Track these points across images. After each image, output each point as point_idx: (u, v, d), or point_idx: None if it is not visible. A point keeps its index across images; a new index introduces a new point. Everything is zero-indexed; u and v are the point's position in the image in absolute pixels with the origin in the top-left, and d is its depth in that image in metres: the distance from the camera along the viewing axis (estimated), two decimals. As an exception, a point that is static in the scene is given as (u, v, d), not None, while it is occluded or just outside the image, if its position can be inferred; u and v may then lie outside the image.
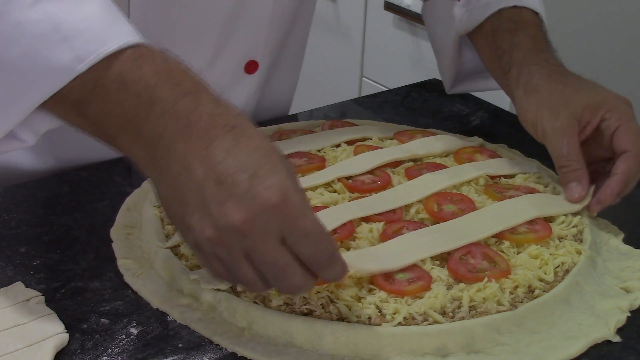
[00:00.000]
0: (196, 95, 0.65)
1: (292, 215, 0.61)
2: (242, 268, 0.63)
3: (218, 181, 0.61)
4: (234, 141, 0.62)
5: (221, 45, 1.02)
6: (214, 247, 0.62)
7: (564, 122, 0.90)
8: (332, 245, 0.64)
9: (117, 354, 0.70)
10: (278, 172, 0.62)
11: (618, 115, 0.89)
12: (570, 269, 0.79)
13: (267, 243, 0.61)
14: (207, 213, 0.61)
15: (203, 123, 0.63)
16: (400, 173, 0.94)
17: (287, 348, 0.70)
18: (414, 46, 2.18)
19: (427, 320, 0.71)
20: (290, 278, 0.63)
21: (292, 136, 1.02)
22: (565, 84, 0.93)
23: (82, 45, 0.66)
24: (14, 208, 0.89)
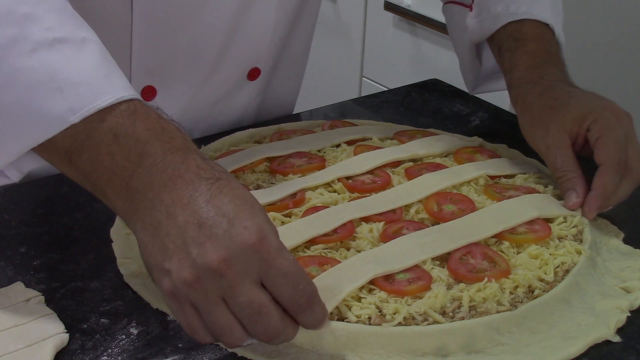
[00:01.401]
0: (185, 152, 0.66)
1: (270, 254, 0.62)
2: (217, 312, 0.62)
3: (199, 224, 0.62)
4: (217, 191, 0.64)
5: (224, 54, 1.02)
6: (190, 290, 0.62)
7: (554, 137, 0.92)
8: (311, 287, 0.64)
9: (117, 354, 0.70)
10: (256, 215, 0.63)
11: (599, 127, 0.90)
12: (570, 269, 0.79)
13: (243, 283, 0.61)
14: (187, 255, 0.62)
15: (189, 174, 0.64)
16: (400, 173, 0.94)
17: (287, 348, 0.70)
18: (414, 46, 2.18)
19: (427, 320, 0.71)
20: (267, 320, 0.62)
21: (292, 136, 1.02)
22: (556, 99, 0.94)
23: (77, 97, 0.67)
24: (14, 208, 0.89)
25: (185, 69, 1.01)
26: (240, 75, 1.06)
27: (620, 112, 0.92)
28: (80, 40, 0.69)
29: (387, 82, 2.23)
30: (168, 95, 1.02)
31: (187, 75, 1.02)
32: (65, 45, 0.68)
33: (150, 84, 1.00)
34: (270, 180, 0.92)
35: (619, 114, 0.92)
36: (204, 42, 1.00)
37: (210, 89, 1.05)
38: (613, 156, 0.88)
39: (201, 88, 1.04)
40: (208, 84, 1.04)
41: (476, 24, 1.08)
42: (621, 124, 0.91)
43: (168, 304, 0.64)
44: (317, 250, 0.79)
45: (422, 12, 2.09)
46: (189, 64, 1.01)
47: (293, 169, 0.93)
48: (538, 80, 0.97)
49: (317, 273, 0.74)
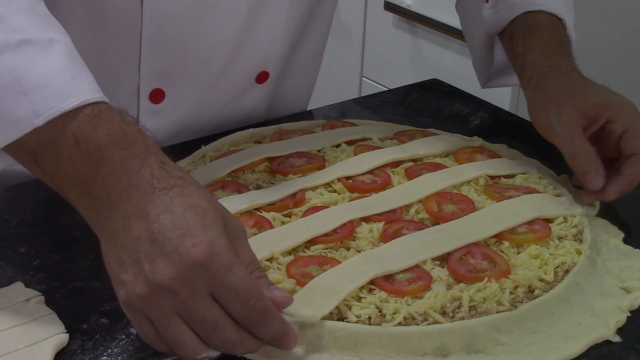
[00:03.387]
0: (143, 158, 0.66)
1: (218, 271, 0.62)
2: (173, 326, 0.62)
3: (151, 239, 0.62)
4: (170, 201, 0.63)
5: (233, 58, 1.02)
6: (145, 304, 0.62)
7: (568, 116, 0.91)
8: (262, 303, 0.63)
9: (117, 354, 0.70)
10: (208, 230, 0.63)
11: (626, 119, 0.91)
12: (570, 269, 0.79)
13: (196, 299, 0.61)
14: (140, 270, 0.62)
15: (143, 185, 0.64)
16: (400, 173, 0.94)
17: (287, 348, 0.70)
18: (414, 46, 2.18)
19: (427, 320, 0.71)
20: (222, 333, 0.62)
21: (292, 136, 1.02)
22: (574, 87, 0.94)
23: (41, 101, 0.66)
24: (14, 208, 0.89)
25: (194, 72, 1.01)
26: (248, 79, 1.07)
27: (634, 106, 0.93)
28: (48, 41, 0.69)
29: (387, 82, 2.23)
30: (176, 97, 1.02)
31: (196, 78, 1.02)
32: (31, 47, 0.68)
33: (159, 87, 1.00)
34: (270, 180, 0.92)
35: (635, 108, 0.93)
36: (213, 45, 1.00)
37: (218, 92, 1.05)
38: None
39: (209, 91, 1.04)
40: (216, 87, 1.04)
41: (492, 14, 1.09)
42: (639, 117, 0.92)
43: (125, 313, 0.65)
44: (317, 250, 0.79)
45: (422, 12, 2.09)
46: (197, 67, 1.01)
47: (293, 169, 0.93)
48: (554, 66, 0.98)
49: (317, 273, 0.74)
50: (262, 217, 0.83)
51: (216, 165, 0.93)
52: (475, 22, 1.15)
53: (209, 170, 0.92)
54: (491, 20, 1.09)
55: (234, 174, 0.92)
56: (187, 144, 1.02)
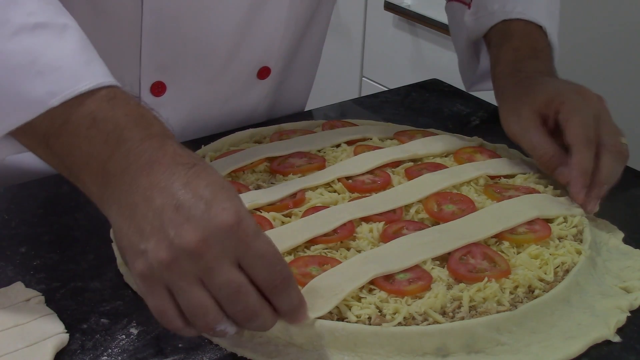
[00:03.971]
0: (162, 138, 0.67)
1: (247, 236, 0.62)
2: (193, 292, 0.62)
3: (176, 206, 0.62)
4: (194, 175, 0.64)
5: (234, 52, 1.02)
6: (166, 271, 0.61)
7: (526, 118, 0.94)
8: (287, 270, 0.64)
9: (117, 354, 0.70)
10: (233, 199, 0.63)
11: (567, 108, 0.91)
12: (570, 269, 0.79)
13: (221, 264, 0.61)
14: (164, 236, 0.61)
15: (166, 159, 0.65)
16: (400, 173, 0.94)
17: (287, 348, 0.70)
18: (414, 46, 2.18)
19: (427, 320, 0.71)
20: (245, 300, 0.62)
21: (292, 136, 1.02)
22: (528, 86, 0.96)
23: (56, 81, 0.67)
24: (14, 208, 0.89)
25: (195, 66, 1.01)
26: (250, 74, 1.06)
27: (588, 94, 0.93)
28: (62, 26, 0.70)
29: (387, 82, 2.23)
30: (178, 91, 1.02)
31: (197, 72, 1.02)
32: (46, 30, 0.69)
33: (160, 80, 1.00)
34: (270, 180, 0.92)
35: (587, 96, 0.93)
36: (214, 39, 1.00)
37: (219, 86, 1.05)
38: (580, 133, 0.88)
39: (211, 85, 1.04)
40: (218, 82, 1.04)
41: (473, 21, 1.10)
42: (589, 104, 0.92)
43: (139, 286, 0.64)
44: (317, 250, 0.79)
45: (422, 12, 2.09)
46: (199, 60, 1.01)
47: (293, 169, 0.93)
48: (516, 73, 1.00)
49: (317, 273, 0.74)
50: (262, 217, 0.83)
51: (216, 165, 0.93)
52: (459, 26, 1.16)
53: (209, 170, 0.92)
54: (472, 26, 1.11)
55: (234, 174, 0.92)
56: (187, 144, 1.01)
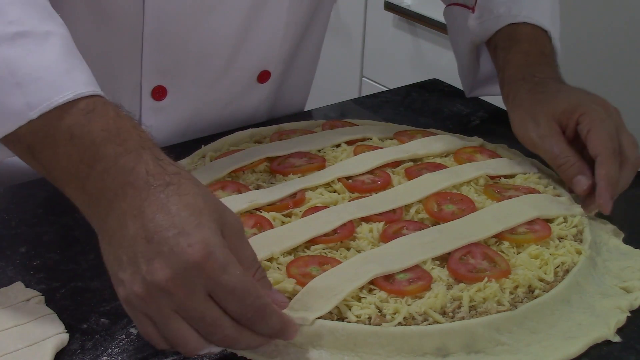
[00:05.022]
0: (137, 154, 0.65)
1: (214, 271, 0.61)
2: (172, 324, 0.62)
3: (147, 239, 0.62)
4: (165, 199, 0.63)
5: (234, 56, 1.03)
6: (144, 304, 0.62)
7: (545, 126, 0.93)
8: (259, 301, 0.63)
9: (117, 354, 0.70)
10: (203, 228, 0.62)
11: (589, 119, 0.91)
12: (570, 269, 0.79)
13: (193, 299, 0.61)
14: (137, 269, 0.62)
15: (139, 182, 0.64)
16: (400, 173, 0.94)
17: (287, 348, 0.70)
18: (414, 46, 2.18)
19: (427, 320, 0.71)
20: (221, 332, 0.63)
21: (292, 136, 1.02)
22: (545, 93, 0.95)
23: (35, 93, 0.66)
24: (14, 208, 0.89)
25: (196, 70, 1.02)
26: (250, 78, 1.07)
27: (609, 106, 0.93)
28: (44, 34, 0.69)
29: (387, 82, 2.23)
30: (179, 95, 1.02)
31: (197, 76, 1.02)
32: (27, 39, 0.68)
33: (161, 84, 1.01)
34: (270, 180, 0.92)
35: (608, 107, 0.93)
36: (214, 43, 1.00)
37: (220, 90, 1.06)
38: (609, 145, 0.88)
39: (211, 89, 1.05)
40: (218, 86, 1.05)
41: (478, 25, 1.09)
42: (611, 116, 0.92)
43: (126, 310, 0.65)
44: (317, 250, 0.79)
45: (422, 12, 2.09)
46: (199, 65, 1.01)
47: (293, 169, 0.93)
48: (529, 78, 0.99)
49: (317, 273, 0.74)
50: (262, 217, 0.83)
51: (216, 165, 0.93)
52: (461, 31, 1.15)
53: (209, 170, 0.92)
54: (476, 30, 1.10)
55: (234, 174, 0.92)
56: (187, 144, 1.02)
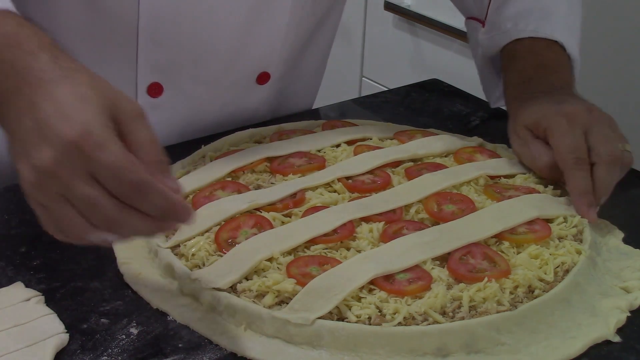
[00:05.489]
0: (34, 55, 0.67)
1: (91, 149, 0.62)
2: (60, 209, 0.64)
3: (36, 128, 0.64)
4: (58, 91, 0.65)
5: (233, 57, 1.02)
6: (36, 192, 0.64)
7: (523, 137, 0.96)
8: (137, 175, 0.63)
9: (117, 354, 0.70)
10: (85, 112, 0.64)
11: (551, 133, 0.92)
12: (570, 269, 0.79)
13: (75, 180, 0.63)
14: (28, 158, 0.64)
15: (32, 79, 0.66)
16: (400, 173, 0.94)
17: (287, 348, 0.70)
18: (414, 46, 2.18)
19: (427, 320, 0.71)
20: (102, 212, 0.63)
21: (292, 136, 1.02)
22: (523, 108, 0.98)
23: None
24: (14, 208, 0.89)
25: (193, 68, 1.01)
26: (249, 78, 1.06)
27: (574, 113, 0.92)
28: None
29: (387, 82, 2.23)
30: (175, 93, 1.02)
31: (195, 74, 1.02)
32: None
33: (157, 81, 1.01)
34: (270, 180, 0.92)
35: (572, 115, 0.92)
36: (212, 42, 1.00)
37: (218, 89, 1.05)
38: (569, 157, 0.89)
39: (209, 88, 1.04)
40: (216, 85, 1.05)
41: (487, 39, 1.10)
42: (574, 123, 0.91)
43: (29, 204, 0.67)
44: (317, 250, 0.79)
45: (422, 12, 2.09)
46: (197, 63, 1.01)
47: (293, 169, 0.93)
48: (521, 95, 1.01)
49: (317, 273, 0.74)
50: (262, 217, 0.83)
51: (216, 165, 0.93)
52: (476, 44, 1.15)
53: (209, 170, 0.92)
54: (486, 44, 1.11)
55: (234, 174, 0.92)
56: (187, 144, 1.02)
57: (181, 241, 0.80)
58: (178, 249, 0.80)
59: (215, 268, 0.76)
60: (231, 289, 0.74)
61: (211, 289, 0.74)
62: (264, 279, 0.74)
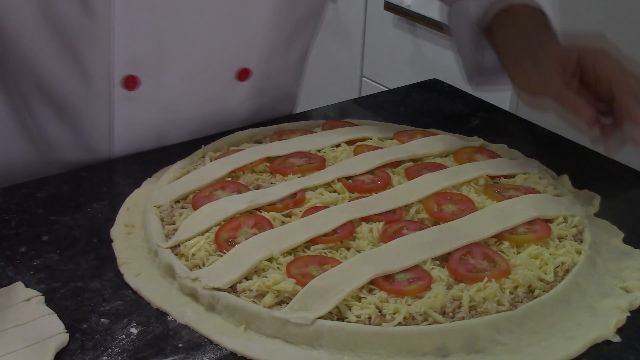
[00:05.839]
0: None
1: None
2: None
3: None
4: None
5: (212, 51, 1.01)
6: None
7: (545, 64, 0.92)
8: None
9: (117, 354, 0.70)
10: None
11: (590, 51, 0.90)
12: (570, 269, 0.79)
13: None
14: None
15: None
16: (400, 173, 0.94)
17: (287, 348, 0.70)
18: (414, 46, 2.18)
19: (427, 320, 0.71)
20: None
21: (292, 136, 1.02)
22: (542, 41, 0.96)
23: None
24: (14, 208, 0.89)
25: (171, 62, 1.00)
26: (228, 74, 1.05)
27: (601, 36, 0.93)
28: None
29: (387, 82, 2.23)
30: (153, 87, 1.01)
31: (174, 68, 1.01)
32: None
33: (133, 74, 0.99)
34: (270, 180, 0.92)
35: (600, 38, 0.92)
36: (191, 35, 0.99)
37: (197, 85, 1.04)
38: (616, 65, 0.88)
39: (188, 83, 1.03)
40: (195, 80, 1.03)
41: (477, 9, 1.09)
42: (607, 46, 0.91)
43: None
44: (317, 250, 0.79)
45: (422, 12, 2.09)
46: (175, 56, 1.00)
47: (293, 169, 0.93)
48: (526, 40, 0.98)
49: (317, 273, 0.74)
50: (262, 217, 0.83)
51: (216, 165, 0.93)
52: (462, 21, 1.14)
53: (209, 170, 0.92)
54: (477, 15, 1.09)
55: (234, 174, 0.92)
56: (187, 144, 1.02)
57: (181, 241, 0.80)
58: (178, 249, 0.80)
59: (215, 268, 0.76)
60: (231, 288, 0.74)
61: (211, 289, 0.74)
62: (264, 279, 0.74)
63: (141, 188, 0.94)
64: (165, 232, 0.83)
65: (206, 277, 0.75)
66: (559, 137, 1.10)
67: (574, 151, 1.07)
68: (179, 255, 0.79)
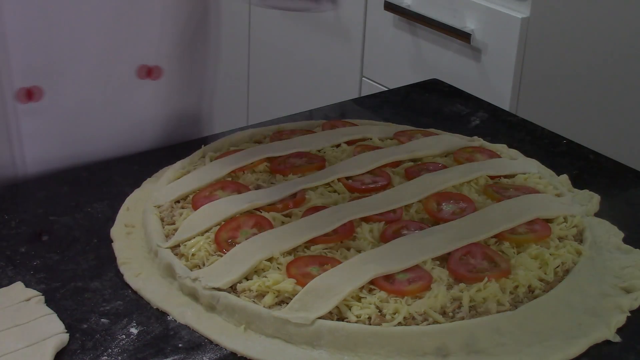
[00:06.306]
0: None
1: None
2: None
3: None
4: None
5: (108, 49, 0.99)
6: None
7: None
8: None
9: (117, 354, 0.70)
10: None
11: None
12: (570, 269, 0.79)
13: None
14: None
15: None
16: (400, 173, 0.94)
17: (287, 348, 0.70)
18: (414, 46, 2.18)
19: (427, 320, 0.71)
20: None
21: (292, 136, 1.02)
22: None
23: None
24: (14, 208, 0.89)
25: (71, 67, 0.97)
26: (128, 72, 1.02)
27: None
28: None
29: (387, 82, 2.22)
30: (56, 95, 0.97)
31: (74, 72, 0.98)
32: None
33: (36, 84, 0.95)
34: (270, 180, 0.92)
35: None
36: (85, 37, 0.96)
37: (99, 86, 1.00)
38: None
39: (89, 86, 1.00)
40: (95, 81, 1.00)
41: None
42: None
43: None
44: (317, 250, 0.79)
45: (422, 12, 2.09)
46: (73, 61, 0.97)
47: (293, 169, 0.93)
48: None
49: (317, 273, 0.74)
50: (262, 217, 0.83)
51: (216, 165, 0.93)
52: None
53: (209, 170, 0.92)
54: None
55: (234, 174, 0.92)
56: (187, 144, 1.02)
57: (181, 241, 0.80)
58: (178, 249, 0.80)
59: (215, 268, 0.76)
60: (231, 288, 0.74)
61: (211, 289, 0.74)
62: (264, 279, 0.74)
63: (141, 188, 0.94)
64: (165, 232, 0.83)
65: (206, 277, 0.75)
66: (559, 137, 1.10)
67: (574, 151, 1.07)
68: (179, 255, 0.79)
